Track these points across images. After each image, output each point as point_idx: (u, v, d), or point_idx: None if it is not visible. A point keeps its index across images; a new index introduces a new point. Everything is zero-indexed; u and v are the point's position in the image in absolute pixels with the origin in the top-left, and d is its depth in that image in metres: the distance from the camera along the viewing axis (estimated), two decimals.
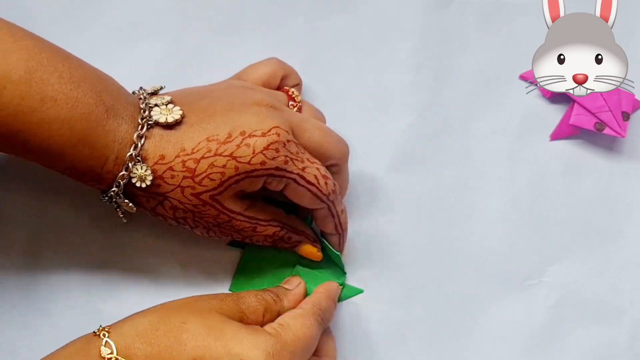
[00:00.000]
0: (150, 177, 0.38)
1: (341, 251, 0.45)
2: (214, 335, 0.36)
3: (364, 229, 0.47)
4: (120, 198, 0.39)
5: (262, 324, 0.39)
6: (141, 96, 0.40)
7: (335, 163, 0.43)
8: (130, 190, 0.39)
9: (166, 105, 0.39)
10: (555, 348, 0.47)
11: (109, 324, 0.37)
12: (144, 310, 0.38)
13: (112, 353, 0.35)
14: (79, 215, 0.46)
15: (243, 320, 0.38)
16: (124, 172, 0.38)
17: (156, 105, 0.39)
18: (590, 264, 0.48)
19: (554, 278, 0.48)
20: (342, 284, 0.46)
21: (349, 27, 0.50)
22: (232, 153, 0.38)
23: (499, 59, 0.50)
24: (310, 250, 0.44)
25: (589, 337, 0.47)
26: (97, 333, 0.36)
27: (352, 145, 0.48)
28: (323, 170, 0.41)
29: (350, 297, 0.47)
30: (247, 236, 0.42)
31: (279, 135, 0.39)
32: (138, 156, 0.38)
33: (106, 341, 0.35)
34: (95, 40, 0.48)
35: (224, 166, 0.38)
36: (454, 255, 0.48)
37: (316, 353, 0.42)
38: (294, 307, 0.42)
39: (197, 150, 0.38)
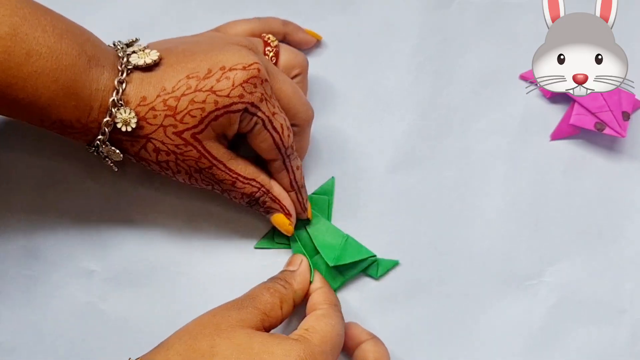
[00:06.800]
0: (134, 120, 0.39)
1: (304, 211, 0.46)
2: (245, 353, 0.36)
3: (364, 228, 0.47)
4: (106, 146, 0.40)
5: (282, 318, 0.40)
6: (118, 47, 0.41)
7: (299, 123, 0.44)
8: (114, 137, 0.40)
9: (143, 50, 0.40)
10: (555, 348, 0.47)
11: (138, 357, 0.37)
12: (168, 339, 0.38)
13: None
14: (77, 214, 0.46)
15: (265, 322, 0.39)
16: (108, 119, 0.39)
17: (134, 52, 0.40)
18: (590, 264, 0.48)
19: (554, 278, 0.48)
20: (375, 259, 0.47)
21: (349, 28, 0.50)
22: (211, 87, 0.39)
23: (499, 59, 0.50)
24: (282, 220, 0.45)
25: (589, 337, 0.47)
26: None
27: (352, 145, 0.49)
28: (288, 122, 0.42)
29: (388, 270, 0.47)
30: (225, 189, 0.43)
31: (259, 71, 0.40)
32: (120, 100, 0.38)
33: None
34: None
35: (203, 101, 0.39)
36: (454, 255, 0.48)
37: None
38: (303, 288, 0.43)
39: (178, 89, 0.39)
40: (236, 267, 0.47)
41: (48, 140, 0.46)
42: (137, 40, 0.42)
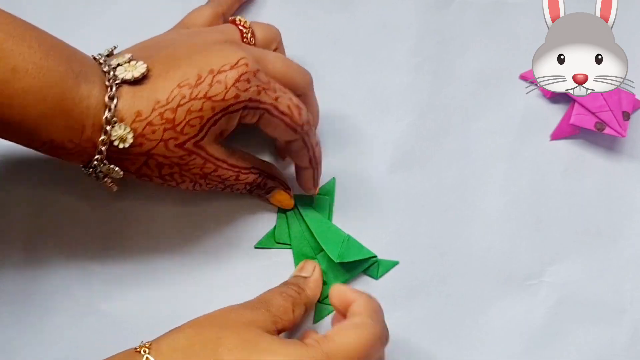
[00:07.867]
0: (131, 135, 0.37)
1: (316, 187, 0.46)
2: (248, 349, 0.36)
3: (364, 228, 0.47)
4: (104, 165, 0.39)
5: (294, 321, 0.40)
6: (100, 60, 0.39)
7: (301, 92, 0.43)
8: (112, 156, 0.38)
9: (128, 62, 0.39)
10: (555, 348, 0.47)
11: (149, 340, 0.37)
12: (180, 326, 0.38)
13: None
14: (78, 214, 0.46)
15: (277, 324, 0.39)
16: (103, 137, 0.37)
17: (119, 64, 0.39)
18: (590, 264, 0.48)
19: (554, 278, 0.48)
20: (376, 260, 0.47)
21: (348, 27, 0.50)
22: (206, 94, 0.38)
23: (499, 59, 0.50)
24: (284, 196, 0.46)
25: (589, 337, 0.47)
26: (138, 349, 0.37)
27: (352, 145, 0.49)
28: (295, 100, 0.41)
29: (388, 270, 0.47)
30: (229, 185, 0.43)
31: (247, 65, 0.39)
32: (114, 117, 0.37)
33: (147, 357, 0.36)
34: (96, 39, 0.47)
35: (200, 109, 0.38)
36: (454, 255, 0.48)
37: None
38: (316, 295, 0.43)
39: (172, 99, 0.38)
40: (236, 267, 0.47)
41: None
42: (115, 48, 0.41)
